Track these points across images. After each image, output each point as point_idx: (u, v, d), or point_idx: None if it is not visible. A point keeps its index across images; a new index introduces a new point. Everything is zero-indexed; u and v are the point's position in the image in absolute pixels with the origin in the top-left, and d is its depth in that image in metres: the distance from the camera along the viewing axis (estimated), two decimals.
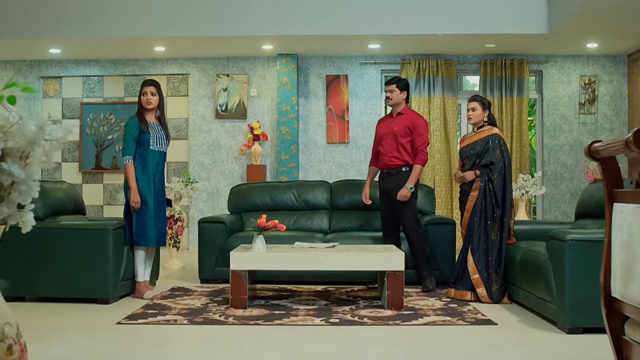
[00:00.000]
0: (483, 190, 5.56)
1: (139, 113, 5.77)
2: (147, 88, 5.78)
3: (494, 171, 5.55)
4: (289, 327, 4.50)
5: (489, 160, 5.57)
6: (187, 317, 4.78)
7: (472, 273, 5.50)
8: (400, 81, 6.16)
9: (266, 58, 9.87)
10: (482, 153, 5.63)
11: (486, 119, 5.77)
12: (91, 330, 4.45)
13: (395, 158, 6.09)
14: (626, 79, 9.68)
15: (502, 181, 5.55)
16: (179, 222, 7.69)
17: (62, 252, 5.39)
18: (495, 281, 5.44)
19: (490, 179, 5.56)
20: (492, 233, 5.50)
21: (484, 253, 5.49)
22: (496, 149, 5.57)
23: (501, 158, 5.56)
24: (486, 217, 5.53)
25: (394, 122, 6.16)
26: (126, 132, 5.69)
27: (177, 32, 8.63)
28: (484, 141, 5.65)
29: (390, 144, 6.11)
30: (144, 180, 5.68)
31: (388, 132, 6.14)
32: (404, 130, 6.07)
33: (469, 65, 9.85)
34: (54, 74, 10.11)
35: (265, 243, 5.37)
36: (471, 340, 4.19)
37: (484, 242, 5.50)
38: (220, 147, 9.92)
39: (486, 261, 5.47)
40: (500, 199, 5.52)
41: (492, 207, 5.52)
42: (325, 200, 7.36)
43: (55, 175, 10.06)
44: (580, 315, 4.25)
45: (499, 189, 5.53)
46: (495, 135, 5.64)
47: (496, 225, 5.50)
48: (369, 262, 5.21)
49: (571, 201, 9.71)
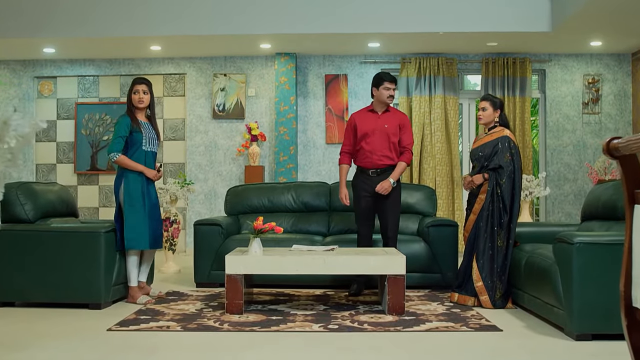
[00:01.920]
0: (491, 194, 5.37)
1: (129, 112, 5.59)
2: (139, 86, 5.63)
3: (503, 175, 5.35)
4: (286, 334, 4.34)
5: (497, 163, 5.36)
6: (181, 323, 4.62)
7: (475, 280, 5.32)
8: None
9: (264, 57, 9.71)
10: (490, 156, 5.42)
11: (497, 120, 5.56)
12: (80, 336, 4.28)
13: (386, 157, 5.85)
14: (630, 78, 9.52)
15: (512, 186, 5.35)
16: (175, 224, 7.54)
17: (53, 255, 5.24)
18: (499, 289, 5.27)
19: (498, 183, 5.36)
20: (499, 239, 5.31)
21: (488, 260, 5.30)
22: (506, 152, 5.37)
23: (511, 162, 5.36)
24: (493, 223, 5.34)
25: (380, 119, 5.90)
26: (116, 130, 5.49)
27: (174, 31, 8.47)
28: (493, 143, 5.45)
29: (380, 142, 5.84)
30: (137, 181, 5.51)
31: (376, 130, 5.86)
32: (395, 128, 5.87)
33: (471, 65, 9.69)
34: (49, 74, 9.94)
35: (262, 246, 5.21)
36: (476, 348, 4.03)
37: (490, 249, 5.31)
38: (217, 148, 9.76)
39: (491, 268, 5.29)
40: (508, 204, 5.32)
41: (499, 212, 5.33)
42: (324, 202, 7.20)
43: (50, 176, 9.89)
44: (588, 321, 4.09)
45: (507, 194, 5.33)
46: (505, 137, 5.43)
47: (503, 231, 5.30)
48: (369, 265, 5.04)
49: (574, 202, 9.55)
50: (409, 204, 6.91)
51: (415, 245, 6.28)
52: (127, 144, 5.51)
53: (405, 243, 6.24)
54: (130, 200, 5.46)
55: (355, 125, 5.96)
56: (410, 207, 6.91)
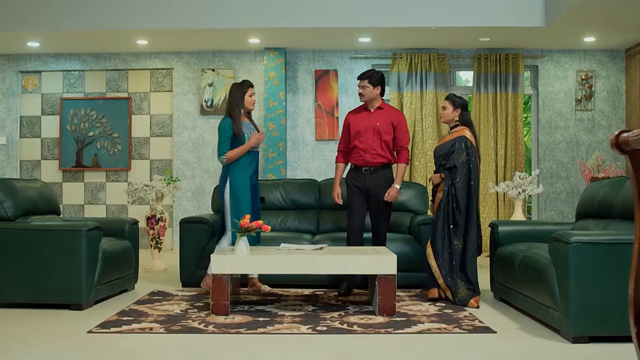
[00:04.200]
0: (446, 194, 5.42)
1: (232, 113, 5.75)
2: (252, 89, 5.83)
3: (457, 175, 5.39)
4: (273, 337, 4.19)
5: (452, 163, 5.43)
6: (164, 325, 4.46)
7: (437, 278, 5.37)
8: (373, 76, 5.77)
9: (253, 52, 9.54)
10: (447, 155, 5.49)
11: (458, 119, 5.60)
12: (59, 339, 4.12)
13: (379, 155, 5.76)
14: (624, 75, 9.41)
15: (466, 186, 5.39)
16: (161, 222, 7.38)
17: (33, 255, 5.07)
18: (461, 287, 5.28)
19: (453, 182, 5.41)
20: (455, 238, 5.35)
21: (447, 258, 5.36)
22: (462, 152, 5.41)
23: (466, 162, 5.41)
24: (448, 222, 5.39)
25: (373, 117, 5.79)
26: (220, 133, 5.75)
27: (161, 25, 8.28)
28: (451, 143, 5.52)
29: (373, 141, 5.75)
30: (242, 179, 5.66)
31: (368, 128, 5.76)
32: (388, 126, 5.76)
33: (463, 60, 9.55)
34: (33, 69, 9.74)
35: (248, 245, 5.06)
36: (469, 351, 3.89)
37: (448, 247, 5.38)
38: (205, 144, 9.59)
39: (450, 266, 5.36)
40: (462, 204, 5.36)
41: (453, 212, 5.38)
42: (313, 199, 7.05)
43: (34, 173, 9.70)
44: (586, 323, 3.96)
45: (461, 194, 5.37)
46: (462, 137, 5.47)
47: (459, 230, 5.34)
48: (359, 265, 4.90)
49: (567, 200, 9.44)
50: (400, 201, 6.78)
51: (407, 243, 6.16)
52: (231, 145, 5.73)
53: (397, 241, 6.11)
54: (236, 198, 5.64)
55: (349, 124, 5.90)
56: (402, 204, 6.78)
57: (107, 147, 9.65)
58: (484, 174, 9.13)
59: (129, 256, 5.87)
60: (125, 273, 5.78)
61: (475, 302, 5.23)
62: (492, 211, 9.13)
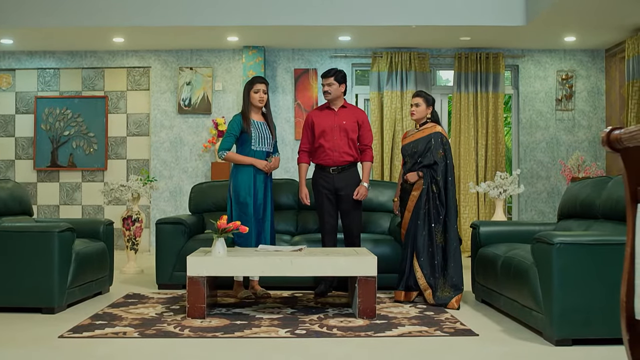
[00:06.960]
0: (426, 192, 5.40)
1: (242, 111, 5.65)
2: (260, 86, 5.64)
3: (438, 171, 5.37)
4: (250, 340, 4.08)
5: (431, 160, 5.40)
6: (139, 329, 4.33)
7: (419, 278, 5.33)
8: (338, 73, 5.73)
9: (231, 51, 9.42)
10: (424, 152, 5.45)
11: (429, 116, 5.60)
12: (30, 344, 3.98)
13: (346, 154, 5.69)
14: (604, 75, 9.40)
15: (444, 182, 5.38)
16: (138, 222, 7.23)
17: (3, 256, 4.91)
18: (442, 286, 5.25)
19: (433, 180, 5.39)
20: (437, 236, 5.34)
21: (428, 257, 5.33)
22: (439, 148, 5.42)
23: (444, 158, 5.41)
24: (430, 220, 5.36)
25: (338, 115, 5.73)
26: (228, 128, 5.65)
27: (137, 22, 8.14)
28: (426, 140, 5.48)
29: (340, 139, 5.68)
30: (244, 181, 5.52)
31: (334, 127, 5.69)
32: (354, 125, 5.72)
33: (443, 60, 9.49)
34: (7, 67, 9.54)
35: (225, 246, 4.94)
36: (451, 354, 3.80)
37: (429, 246, 5.35)
38: (183, 143, 9.45)
39: (431, 265, 5.32)
40: (444, 200, 5.35)
41: (436, 209, 5.36)
42: (292, 200, 6.93)
43: (8, 173, 9.51)
44: (569, 326, 3.89)
45: (443, 190, 5.36)
46: (438, 133, 5.47)
47: (440, 226, 5.34)
48: (339, 267, 4.80)
49: (547, 200, 9.41)
50: (380, 202, 6.71)
51: (387, 244, 6.07)
52: (237, 143, 5.63)
53: (376, 242, 6.03)
54: (237, 199, 5.53)
55: (313, 123, 5.80)
56: (382, 205, 6.70)
57: (82, 147, 9.48)
58: (465, 175, 9.07)
59: (103, 258, 5.73)
60: (99, 275, 5.65)
61: (456, 302, 5.16)
62: (472, 211, 9.08)
